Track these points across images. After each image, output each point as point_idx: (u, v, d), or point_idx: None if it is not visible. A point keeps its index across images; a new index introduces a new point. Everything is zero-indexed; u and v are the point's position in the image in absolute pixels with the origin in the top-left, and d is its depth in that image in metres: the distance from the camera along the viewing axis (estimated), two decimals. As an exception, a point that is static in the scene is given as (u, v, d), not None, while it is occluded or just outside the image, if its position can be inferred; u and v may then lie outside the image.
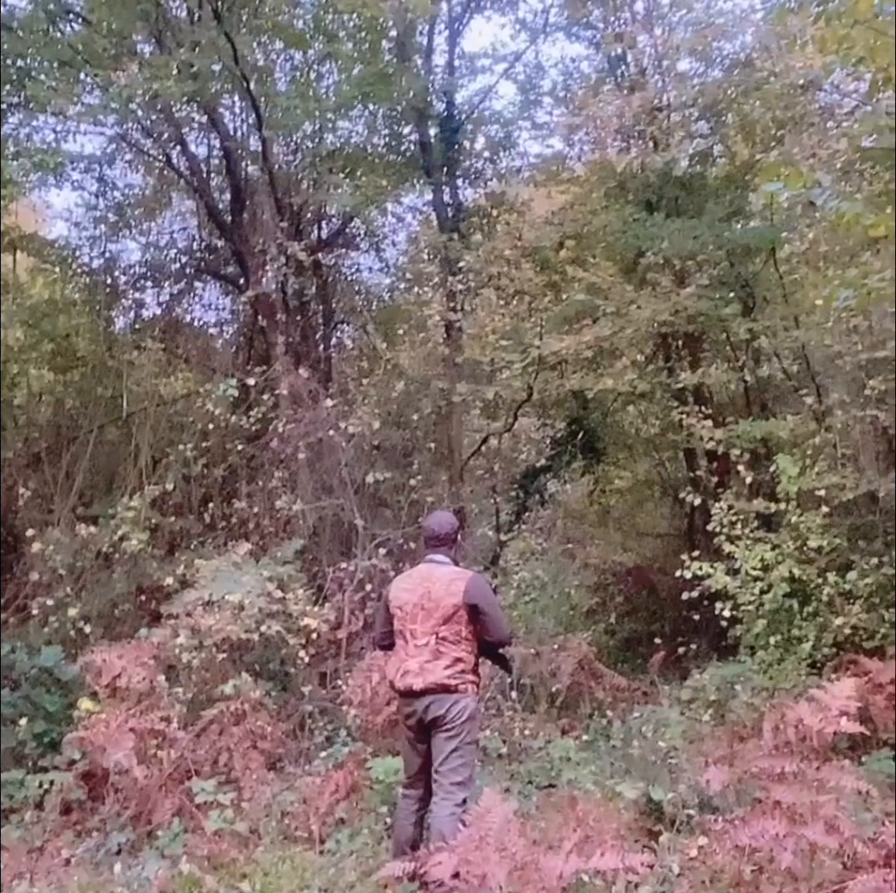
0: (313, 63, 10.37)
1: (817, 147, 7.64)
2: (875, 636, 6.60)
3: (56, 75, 8.46)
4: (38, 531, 7.30)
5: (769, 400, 9.83)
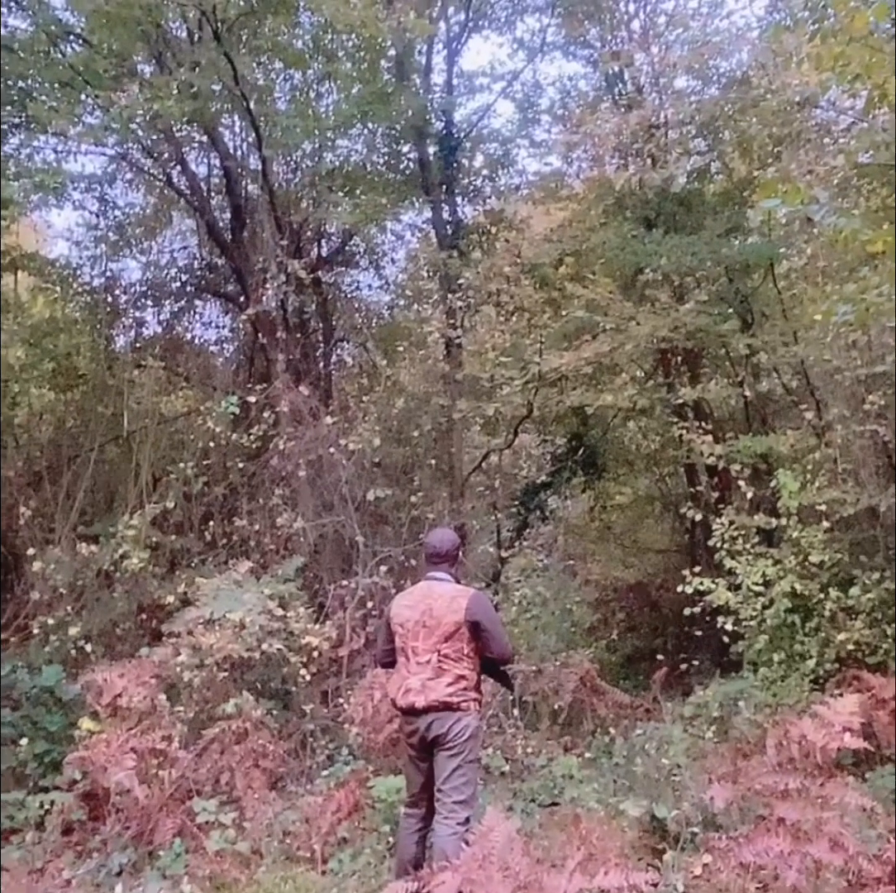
0: (313, 83, 10.43)
1: (814, 163, 7.68)
2: (878, 652, 6.59)
3: (57, 96, 8.52)
4: (39, 550, 7.30)
5: (769, 415, 9.85)
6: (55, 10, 8.62)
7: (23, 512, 7.89)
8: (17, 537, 8.07)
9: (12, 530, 8.20)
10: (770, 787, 4.15)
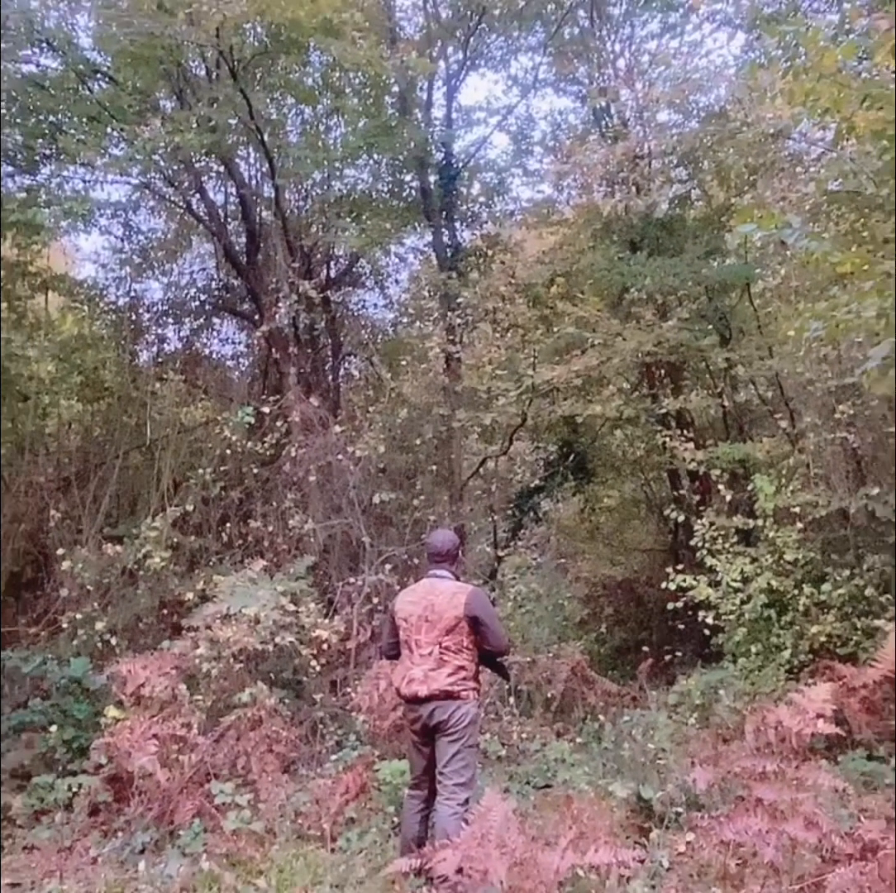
0: (322, 117, 10.46)
1: (787, 191, 7.69)
2: (848, 644, 6.58)
3: (85, 129, 8.53)
4: (68, 550, 7.29)
5: (746, 424, 9.86)
6: (83, 50, 8.65)
7: (53, 515, 7.89)
8: (47, 538, 8.06)
9: (43, 532, 8.19)
10: (749, 770, 4.13)
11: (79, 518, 8.16)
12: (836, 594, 6.75)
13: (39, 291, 10.12)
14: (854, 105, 4.79)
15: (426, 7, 10.29)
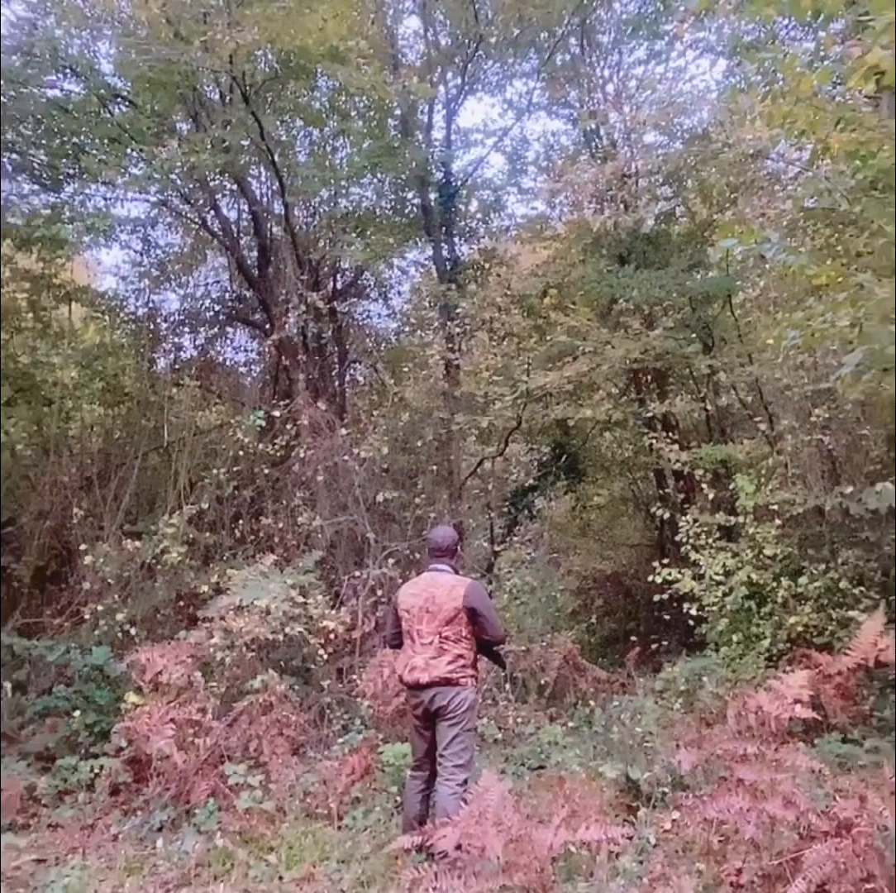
0: (329, 138, 10.47)
1: (766, 208, 7.70)
2: (824, 633, 6.58)
3: (106, 150, 8.53)
4: (90, 546, 7.30)
5: (728, 427, 9.86)
6: (105, 76, 8.66)
7: (76, 512, 7.89)
8: (70, 534, 8.06)
9: (67, 528, 8.19)
10: (730, 752, 4.14)
11: (100, 516, 8.16)
12: (813, 587, 6.74)
13: (63, 302, 10.11)
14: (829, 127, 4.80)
15: (427, 35, 10.30)
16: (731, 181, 8.88)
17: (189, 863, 4.50)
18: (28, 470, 9.37)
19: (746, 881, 3.56)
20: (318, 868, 4.39)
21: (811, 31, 8.44)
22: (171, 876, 4.43)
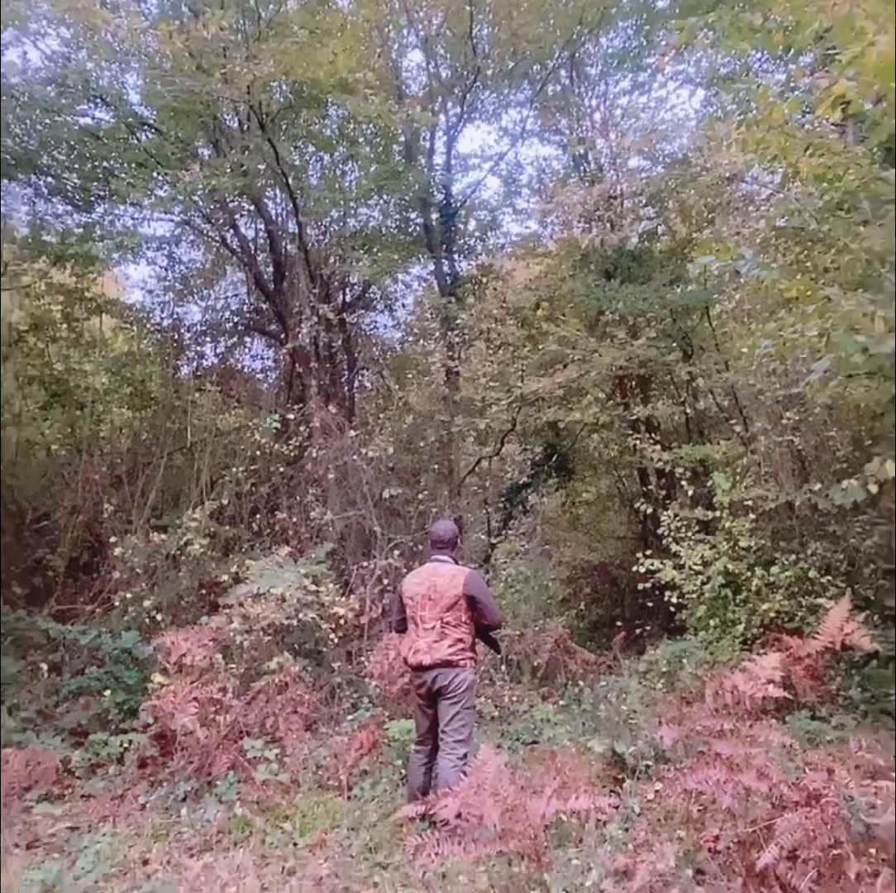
0: (338, 163, 10.46)
1: (741, 227, 7.70)
2: (794, 619, 6.58)
3: (134, 174, 8.56)
4: (120, 538, 7.30)
5: (705, 428, 9.85)
6: (132, 105, 8.68)
7: (106, 508, 7.90)
8: (101, 527, 8.07)
9: (98, 522, 8.20)
10: (708, 728, 4.14)
11: (129, 510, 8.17)
12: (784, 576, 6.74)
13: (95, 313, 10.12)
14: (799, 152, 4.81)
15: (428, 68, 10.30)
16: (708, 202, 8.87)
17: (211, 830, 4.51)
18: (62, 468, 9.37)
19: (723, 847, 3.56)
20: (329, 835, 4.40)
21: (782, 64, 8.47)
22: (195, 842, 4.44)
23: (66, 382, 9.60)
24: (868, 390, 6.88)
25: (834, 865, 3.30)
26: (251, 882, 3.90)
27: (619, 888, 3.39)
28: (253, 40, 7.70)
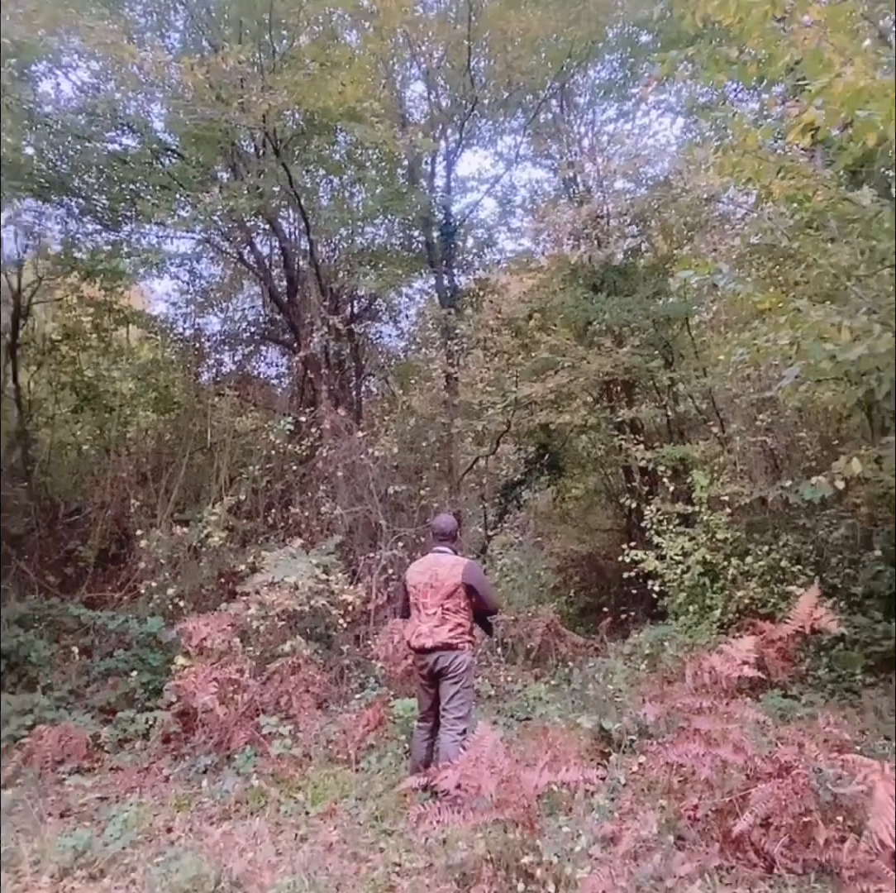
0: (347, 185, 10.45)
1: (718, 244, 7.70)
2: (767, 605, 6.58)
3: (158, 195, 8.55)
4: (145, 531, 7.31)
5: (685, 430, 9.85)
6: (157, 132, 8.69)
7: (133, 503, 7.91)
8: (128, 521, 8.07)
9: (125, 517, 8.20)
10: (688, 705, 4.14)
11: (154, 506, 8.17)
12: (758, 565, 6.75)
13: (122, 324, 10.15)
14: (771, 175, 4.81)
15: (430, 97, 10.30)
16: (688, 221, 8.87)
17: (229, 800, 4.51)
18: (92, 467, 9.39)
19: (702, 815, 3.56)
20: (338, 805, 4.40)
21: (756, 94, 8.46)
22: (214, 811, 4.44)
23: (95, 387, 9.61)
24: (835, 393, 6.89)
25: (804, 831, 3.30)
26: (267, 848, 3.90)
27: (606, 853, 3.39)
28: (268, 72, 7.70)
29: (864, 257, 5.17)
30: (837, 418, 8.40)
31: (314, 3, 7.72)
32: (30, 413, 9.29)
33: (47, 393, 9.76)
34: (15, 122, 7.18)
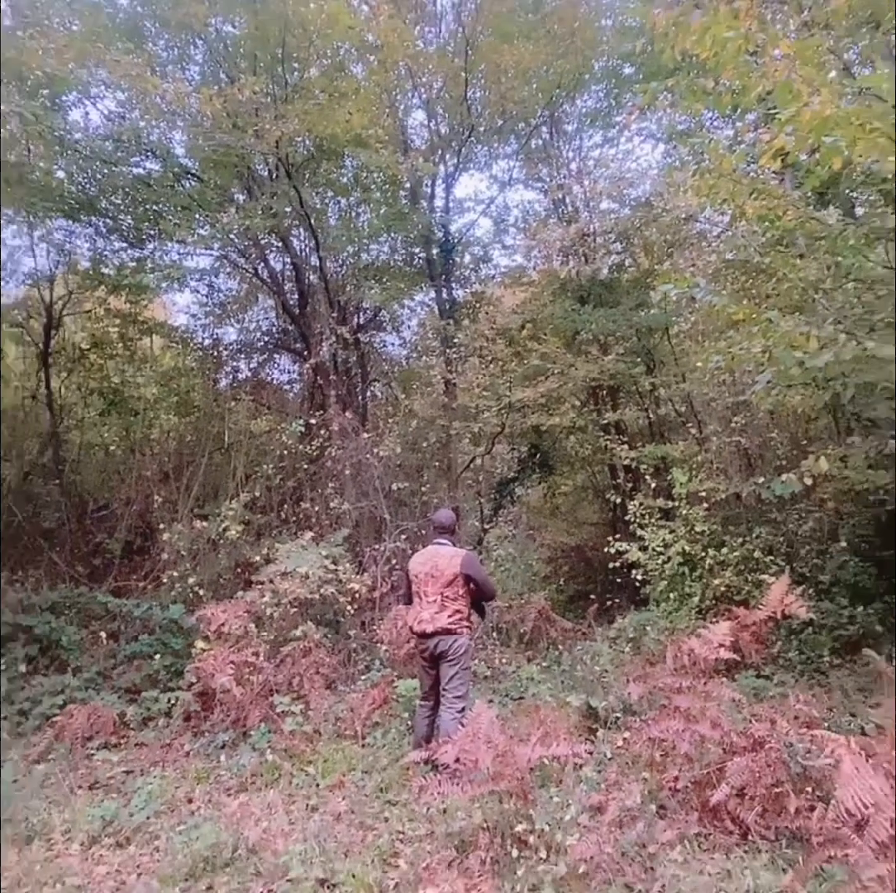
0: (353, 206, 10.43)
1: (696, 260, 7.69)
2: (742, 592, 6.59)
3: (179, 216, 8.54)
4: (167, 525, 7.30)
5: (666, 431, 9.86)
6: (178, 157, 8.67)
7: (156, 499, 7.91)
8: (152, 516, 8.07)
9: (149, 512, 8.20)
10: (669, 685, 4.15)
11: (175, 502, 8.17)
12: (733, 556, 6.75)
13: (146, 334, 10.14)
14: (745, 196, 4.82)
15: (430, 125, 10.29)
16: (668, 239, 8.88)
17: (245, 774, 4.51)
18: (118, 466, 9.39)
19: (682, 786, 3.56)
20: (346, 777, 4.40)
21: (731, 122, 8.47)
22: (232, 784, 4.44)
23: (121, 392, 9.60)
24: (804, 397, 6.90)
25: (776, 801, 3.31)
26: (280, 818, 3.90)
27: (593, 821, 3.39)
28: (281, 102, 7.70)
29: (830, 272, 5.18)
30: (806, 419, 8.41)
31: (323, 39, 7.71)
32: (61, 416, 9.29)
33: (77, 398, 9.75)
34: (47, 148, 7.20)
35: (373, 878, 3.21)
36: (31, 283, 9.26)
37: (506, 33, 8.83)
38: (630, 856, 3.17)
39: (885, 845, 2.92)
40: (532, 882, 3.07)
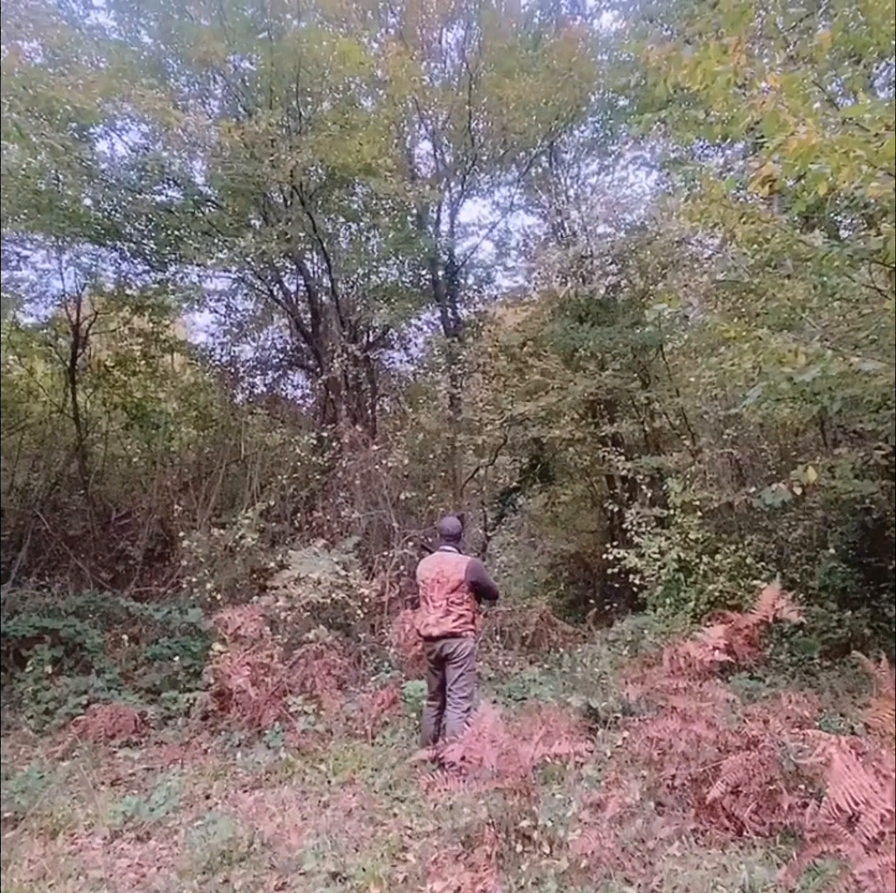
0: (363, 230, 10.50)
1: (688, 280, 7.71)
2: (735, 597, 6.55)
3: (199, 240, 8.61)
4: (187, 533, 7.31)
5: (661, 442, 9.83)
6: (198, 186, 8.75)
7: (176, 508, 7.92)
8: (172, 524, 8.08)
9: (169, 520, 8.21)
10: (666, 686, 4.12)
11: (194, 511, 8.18)
12: (726, 562, 6.72)
13: (167, 352, 10.19)
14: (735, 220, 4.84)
15: (436, 154, 10.38)
16: (661, 261, 8.88)
17: (260, 771, 4.49)
18: (140, 477, 9.42)
19: (679, 784, 3.53)
20: (357, 775, 4.38)
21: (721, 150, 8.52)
22: (247, 781, 4.42)
23: (143, 407, 9.65)
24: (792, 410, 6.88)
25: (770, 798, 3.28)
26: (293, 813, 3.88)
27: (594, 817, 3.37)
28: (295, 133, 7.78)
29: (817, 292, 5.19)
30: (795, 432, 8.39)
31: (335, 74, 7.79)
32: (86, 430, 9.33)
33: (102, 412, 9.80)
34: (75, 177, 7.27)
35: (382, 872, 3.19)
36: (59, 304, 9.35)
37: (507, 68, 8.92)
38: (630, 851, 3.14)
39: (875, 840, 2.88)
40: (535, 876, 3.04)
